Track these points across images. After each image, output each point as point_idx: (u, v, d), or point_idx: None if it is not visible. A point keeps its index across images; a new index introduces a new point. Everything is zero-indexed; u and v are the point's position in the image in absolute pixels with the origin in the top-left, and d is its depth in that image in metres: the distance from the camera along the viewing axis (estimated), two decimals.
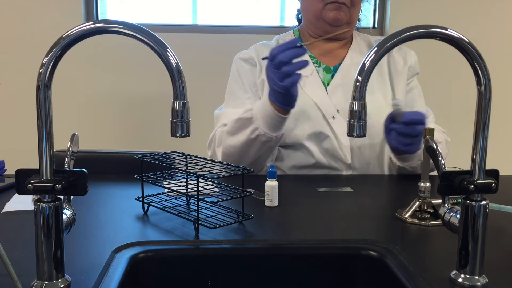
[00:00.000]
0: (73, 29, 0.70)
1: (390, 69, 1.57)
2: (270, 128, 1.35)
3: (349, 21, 1.51)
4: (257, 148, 1.40)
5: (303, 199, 1.23)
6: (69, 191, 0.72)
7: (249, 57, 1.56)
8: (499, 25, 2.81)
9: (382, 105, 1.51)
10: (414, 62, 1.60)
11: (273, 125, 1.35)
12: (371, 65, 0.74)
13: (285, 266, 0.94)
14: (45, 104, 0.69)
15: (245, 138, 1.38)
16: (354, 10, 1.51)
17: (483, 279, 0.78)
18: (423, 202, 1.08)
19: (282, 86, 1.25)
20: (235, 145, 1.41)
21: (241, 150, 1.41)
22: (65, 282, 0.74)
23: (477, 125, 0.76)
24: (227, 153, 1.43)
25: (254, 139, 1.37)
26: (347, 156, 1.49)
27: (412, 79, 1.60)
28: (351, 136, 0.77)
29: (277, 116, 1.33)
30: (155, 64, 0.98)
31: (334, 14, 1.48)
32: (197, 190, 0.98)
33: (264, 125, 1.35)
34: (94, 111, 2.73)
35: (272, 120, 1.34)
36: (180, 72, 0.72)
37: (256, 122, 1.36)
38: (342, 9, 1.48)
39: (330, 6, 1.48)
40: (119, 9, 2.81)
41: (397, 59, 1.58)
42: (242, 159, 1.42)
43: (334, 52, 1.58)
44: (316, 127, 1.48)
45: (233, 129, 1.41)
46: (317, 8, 1.50)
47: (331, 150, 1.49)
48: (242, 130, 1.39)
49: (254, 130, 1.36)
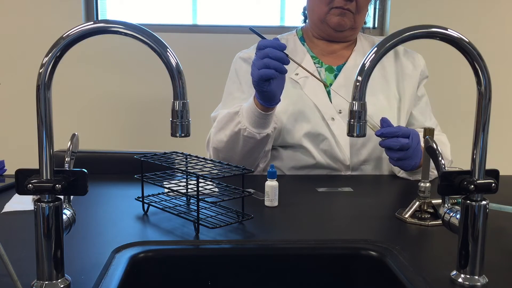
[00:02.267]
0: (73, 29, 0.70)
1: (398, 74, 1.56)
2: (252, 124, 1.36)
3: (354, 26, 1.52)
4: (241, 144, 1.40)
5: (303, 199, 1.23)
6: (69, 191, 0.72)
7: (248, 56, 1.56)
8: (499, 25, 2.81)
9: (384, 107, 1.50)
10: (424, 66, 1.59)
11: (255, 121, 1.35)
12: (371, 65, 0.75)
13: (285, 266, 0.94)
14: (45, 104, 0.69)
15: (230, 132, 1.39)
16: (359, 16, 1.51)
17: (483, 279, 0.78)
18: (423, 202, 1.08)
19: (257, 75, 1.26)
20: (222, 140, 1.42)
21: (227, 145, 1.41)
22: (65, 282, 0.74)
23: (477, 125, 0.76)
24: (217, 148, 1.44)
25: (237, 133, 1.38)
26: (346, 158, 1.49)
27: (421, 84, 1.59)
28: (351, 136, 0.77)
29: (258, 113, 1.34)
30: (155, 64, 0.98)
31: (338, 20, 1.48)
32: (197, 190, 0.98)
33: (247, 120, 1.36)
34: (94, 111, 2.73)
35: (254, 116, 1.35)
36: (180, 72, 0.72)
37: (240, 116, 1.37)
38: (346, 15, 1.48)
39: (335, 11, 1.48)
40: (119, 9, 2.81)
41: (405, 63, 1.57)
42: (230, 156, 1.43)
43: (337, 52, 1.58)
44: (315, 128, 1.48)
45: (221, 123, 1.43)
46: (322, 11, 1.50)
47: (330, 151, 1.49)
48: (229, 124, 1.40)
49: (237, 123, 1.38)
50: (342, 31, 1.51)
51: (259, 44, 1.29)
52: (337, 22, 1.48)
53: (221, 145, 1.43)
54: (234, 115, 1.39)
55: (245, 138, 1.38)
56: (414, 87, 1.57)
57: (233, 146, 1.41)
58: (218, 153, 1.45)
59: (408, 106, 1.55)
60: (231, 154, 1.43)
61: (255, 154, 1.44)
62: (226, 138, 1.40)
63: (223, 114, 1.44)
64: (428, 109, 1.61)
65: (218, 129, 1.43)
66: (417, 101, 1.58)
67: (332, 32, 1.52)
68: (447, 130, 1.62)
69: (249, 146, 1.40)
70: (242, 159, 1.43)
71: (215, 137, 1.44)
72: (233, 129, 1.38)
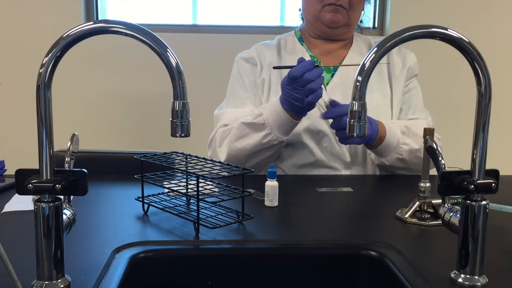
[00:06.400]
0: (73, 29, 0.70)
1: (389, 71, 1.58)
2: (282, 133, 1.40)
3: (348, 23, 1.53)
4: (266, 152, 1.44)
5: (303, 199, 1.23)
6: (69, 191, 0.72)
7: (250, 56, 1.58)
8: (499, 25, 2.81)
9: (381, 104, 1.52)
10: (413, 63, 1.60)
11: (286, 130, 1.40)
12: (371, 65, 0.75)
13: (285, 266, 0.94)
14: (45, 104, 0.69)
15: (256, 142, 1.42)
16: (353, 12, 1.53)
17: (483, 279, 0.78)
18: (423, 202, 1.08)
19: (308, 102, 1.31)
20: (243, 148, 1.43)
21: (249, 153, 1.44)
22: (65, 282, 0.74)
23: (477, 125, 0.76)
24: (234, 155, 1.45)
25: (265, 143, 1.41)
26: (345, 154, 1.50)
27: (411, 81, 1.60)
28: (351, 136, 0.77)
29: (292, 122, 1.39)
30: (155, 64, 0.98)
31: (331, 16, 1.51)
32: (197, 190, 0.98)
33: (277, 130, 1.40)
34: (94, 111, 2.73)
35: (286, 126, 1.39)
36: (180, 72, 0.72)
37: (269, 128, 1.40)
38: (339, 11, 1.50)
39: (328, 8, 1.50)
40: (119, 9, 2.81)
41: (396, 62, 1.58)
42: (248, 161, 1.45)
43: (334, 52, 1.59)
44: (314, 124, 1.50)
45: (242, 132, 1.44)
46: (316, 9, 1.52)
47: (330, 148, 1.50)
48: (253, 134, 1.42)
49: (267, 135, 1.40)
50: (337, 28, 1.53)
51: (294, 75, 1.29)
52: (330, 19, 1.51)
53: (240, 153, 1.44)
54: (260, 126, 1.41)
55: (274, 146, 1.42)
56: (402, 84, 1.58)
57: (255, 153, 1.44)
58: (232, 159, 1.44)
59: (398, 102, 1.57)
60: (248, 160, 1.45)
61: (272, 157, 1.48)
62: (249, 147, 1.43)
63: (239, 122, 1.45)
64: (418, 102, 1.62)
65: (238, 137, 1.44)
66: (405, 95, 1.59)
67: (327, 29, 1.54)
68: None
69: (273, 151, 1.45)
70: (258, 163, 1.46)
71: (234, 145, 1.45)
72: (260, 141, 1.41)
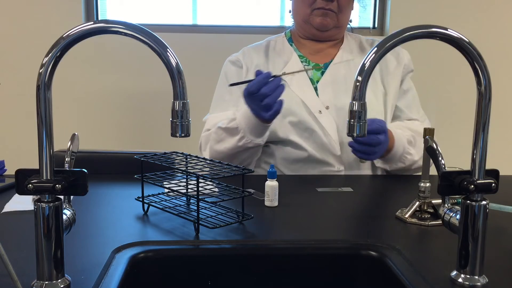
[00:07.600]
0: (73, 29, 0.70)
1: (382, 70, 1.58)
2: (256, 135, 1.43)
3: (337, 25, 1.55)
4: (245, 152, 1.47)
5: (303, 199, 1.23)
6: (69, 191, 0.72)
7: (236, 59, 1.61)
8: (499, 25, 2.81)
9: (372, 102, 1.53)
10: (408, 60, 1.61)
11: (258, 133, 1.42)
12: (371, 65, 0.75)
13: (285, 266, 0.94)
14: (45, 104, 0.69)
15: (232, 146, 1.45)
16: (342, 15, 1.54)
17: (483, 279, 0.78)
18: (423, 202, 1.08)
19: (268, 117, 1.33)
20: (222, 151, 1.47)
21: (229, 155, 1.47)
22: (65, 282, 0.74)
23: (477, 125, 0.76)
24: (216, 157, 1.48)
25: (241, 146, 1.44)
26: (336, 148, 1.50)
27: (406, 78, 1.61)
28: (351, 136, 0.77)
29: (262, 126, 1.41)
30: (155, 64, 0.98)
31: (321, 20, 1.52)
32: (197, 190, 0.98)
33: (250, 134, 1.42)
34: (94, 111, 2.72)
35: (258, 129, 1.41)
36: (180, 72, 0.72)
37: (243, 131, 1.42)
38: (329, 15, 1.52)
39: (317, 12, 1.52)
40: (119, 9, 2.81)
41: (389, 59, 1.59)
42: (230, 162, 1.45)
43: (324, 51, 1.61)
44: (301, 121, 1.50)
45: (220, 136, 1.47)
46: (305, 12, 1.54)
47: (320, 143, 1.51)
48: (228, 138, 1.45)
49: (241, 138, 1.43)
50: (326, 31, 1.55)
51: (250, 90, 1.31)
52: (319, 23, 1.52)
53: (221, 156, 1.47)
54: (233, 130, 1.43)
55: (250, 148, 1.45)
56: (397, 81, 1.59)
57: (234, 155, 1.47)
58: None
59: (393, 100, 1.57)
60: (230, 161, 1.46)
61: (253, 156, 1.50)
62: (227, 150, 1.46)
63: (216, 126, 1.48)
64: (415, 102, 1.63)
65: (216, 141, 1.48)
66: (403, 94, 1.60)
67: (316, 31, 1.56)
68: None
69: (251, 152, 1.47)
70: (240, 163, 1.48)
71: (214, 149, 1.49)
72: (236, 144, 1.44)
